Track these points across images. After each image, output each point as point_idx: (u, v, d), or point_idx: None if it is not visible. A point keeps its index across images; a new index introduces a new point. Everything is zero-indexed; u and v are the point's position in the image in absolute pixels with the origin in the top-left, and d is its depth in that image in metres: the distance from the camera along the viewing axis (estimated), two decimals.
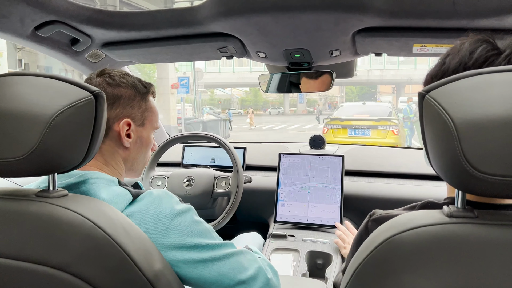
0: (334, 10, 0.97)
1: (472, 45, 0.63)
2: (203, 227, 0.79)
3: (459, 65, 0.62)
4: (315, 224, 1.65)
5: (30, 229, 0.59)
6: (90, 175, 0.79)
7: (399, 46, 1.15)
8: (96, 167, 0.85)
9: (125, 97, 0.89)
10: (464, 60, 0.62)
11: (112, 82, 0.89)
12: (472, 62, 0.61)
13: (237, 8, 1.00)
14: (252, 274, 0.81)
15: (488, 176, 0.43)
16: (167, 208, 0.76)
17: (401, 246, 0.48)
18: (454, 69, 0.63)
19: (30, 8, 0.98)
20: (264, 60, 1.37)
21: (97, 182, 0.78)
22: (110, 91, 0.88)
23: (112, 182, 0.80)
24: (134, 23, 1.15)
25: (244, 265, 0.81)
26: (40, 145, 0.57)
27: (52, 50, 1.22)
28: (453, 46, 0.66)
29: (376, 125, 7.94)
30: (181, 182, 1.67)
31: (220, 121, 13.76)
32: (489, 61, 0.60)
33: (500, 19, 0.93)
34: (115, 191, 0.77)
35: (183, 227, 0.76)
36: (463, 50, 0.63)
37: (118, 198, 0.75)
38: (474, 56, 0.61)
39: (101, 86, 0.88)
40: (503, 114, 0.43)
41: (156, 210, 0.75)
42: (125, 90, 0.90)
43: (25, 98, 0.59)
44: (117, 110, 0.88)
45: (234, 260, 0.80)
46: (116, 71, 0.92)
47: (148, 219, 0.74)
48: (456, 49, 0.64)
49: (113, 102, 0.87)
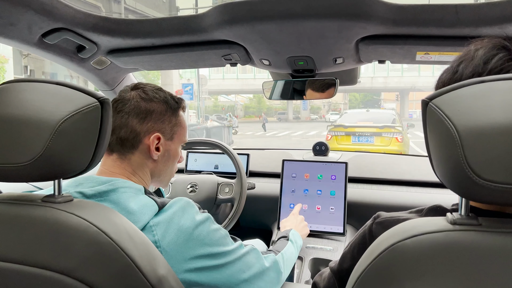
0: (337, 18, 0.97)
1: (487, 52, 0.59)
2: (219, 235, 0.85)
3: (472, 75, 0.58)
4: (319, 231, 1.64)
5: (36, 234, 0.59)
6: (120, 183, 0.82)
7: (402, 53, 1.15)
8: (124, 175, 0.89)
9: (157, 112, 0.92)
10: (478, 70, 0.58)
11: (146, 97, 0.92)
12: (487, 73, 0.57)
13: (241, 16, 1.01)
14: (256, 272, 0.90)
15: (491, 184, 0.43)
16: (189, 219, 0.81)
17: (404, 253, 0.48)
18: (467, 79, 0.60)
19: (37, 16, 1.00)
20: (268, 67, 1.37)
21: (127, 191, 0.81)
22: (143, 105, 0.91)
23: (139, 191, 0.84)
24: (139, 30, 1.16)
25: (249, 264, 0.89)
26: (46, 150, 0.58)
27: (59, 57, 1.23)
28: (467, 51, 0.62)
29: (380, 132, 7.92)
30: (184, 188, 1.67)
31: (224, 128, 13.78)
32: (504, 71, 0.56)
33: (503, 27, 0.93)
34: (142, 201, 0.80)
35: (202, 237, 0.81)
36: (477, 58, 0.59)
37: (145, 209, 0.79)
38: (488, 66, 0.58)
39: (135, 100, 0.91)
40: (506, 122, 0.43)
41: (179, 221, 0.80)
42: (158, 105, 0.93)
43: (31, 104, 0.60)
44: (148, 124, 0.91)
45: (241, 262, 0.87)
46: (150, 85, 0.96)
47: (171, 229, 0.78)
48: (470, 56, 0.60)
49: (145, 116, 0.90)
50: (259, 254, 0.95)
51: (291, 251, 1.15)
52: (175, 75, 15.40)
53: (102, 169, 0.90)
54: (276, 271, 0.98)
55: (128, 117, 0.89)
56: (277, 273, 0.99)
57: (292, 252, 1.15)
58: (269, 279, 0.95)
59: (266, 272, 0.94)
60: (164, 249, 0.77)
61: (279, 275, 1.00)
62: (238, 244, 0.90)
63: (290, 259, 1.12)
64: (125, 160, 0.90)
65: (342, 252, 0.81)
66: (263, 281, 0.93)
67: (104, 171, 0.89)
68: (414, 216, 0.69)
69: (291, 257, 1.14)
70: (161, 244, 0.77)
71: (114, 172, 0.88)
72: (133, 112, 0.89)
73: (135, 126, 0.89)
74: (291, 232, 1.27)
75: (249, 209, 1.72)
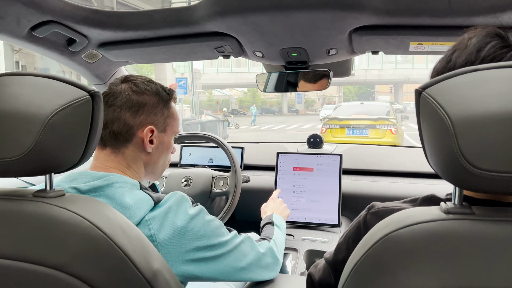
0: (330, 8, 0.97)
1: (480, 41, 0.58)
2: (214, 226, 0.86)
3: (465, 64, 0.58)
4: (314, 223, 1.65)
5: (28, 229, 0.59)
6: (115, 178, 0.82)
7: (395, 44, 1.15)
8: (119, 169, 0.89)
9: (149, 105, 0.92)
10: (471, 58, 0.58)
11: (137, 90, 0.91)
12: (479, 61, 0.57)
13: (233, 7, 1.00)
14: (252, 259, 0.93)
15: (484, 172, 0.43)
16: (183, 213, 0.82)
17: (398, 243, 0.48)
18: (460, 68, 0.59)
19: (25, 9, 0.98)
20: (261, 59, 1.37)
21: (122, 186, 0.81)
22: (135, 98, 0.90)
23: (135, 186, 0.84)
24: (130, 23, 1.15)
25: (244, 252, 0.91)
26: (36, 145, 0.57)
27: (49, 51, 1.22)
28: (461, 40, 0.62)
29: (374, 124, 7.94)
30: (179, 182, 1.67)
31: (218, 122, 13.75)
32: (497, 59, 0.56)
33: (495, 16, 0.93)
34: (138, 195, 0.81)
35: (197, 229, 0.82)
36: (470, 46, 0.59)
37: (141, 204, 0.79)
38: (481, 54, 0.57)
39: (126, 93, 0.90)
40: (499, 111, 0.43)
41: (174, 215, 0.81)
42: (150, 98, 0.92)
43: (21, 98, 0.59)
44: (141, 117, 0.90)
45: (237, 251, 0.89)
46: (141, 78, 0.95)
47: (167, 223, 0.79)
48: (464, 45, 0.60)
49: (138, 109, 0.90)
50: (254, 242, 0.97)
51: (281, 236, 1.17)
52: (168, 69, 15.32)
53: (96, 163, 0.89)
54: (272, 257, 1.01)
55: (121, 110, 0.88)
56: (273, 258, 1.02)
57: (281, 237, 1.18)
58: (265, 264, 0.98)
59: (262, 258, 0.97)
60: (160, 243, 0.77)
61: (275, 261, 1.03)
62: (233, 234, 0.91)
63: (282, 244, 1.15)
64: (119, 154, 0.89)
65: (337, 243, 0.81)
66: (260, 267, 0.96)
67: (98, 166, 0.88)
68: (408, 206, 0.69)
69: (282, 242, 1.16)
70: (157, 238, 0.77)
71: (109, 167, 0.88)
72: (125, 106, 0.89)
73: (128, 120, 0.89)
74: (274, 217, 1.28)
75: (244, 203, 1.72)
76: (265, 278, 1.00)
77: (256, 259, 0.94)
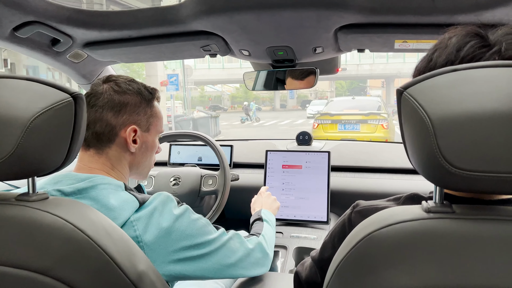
0: (315, 7, 0.97)
1: (460, 40, 0.59)
2: (200, 224, 0.86)
3: (446, 63, 0.59)
4: (302, 220, 1.66)
5: (10, 234, 0.58)
6: (99, 180, 0.82)
7: (381, 42, 1.16)
8: (103, 171, 0.88)
9: (132, 104, 0.91)
10: (451, 58, 0.59)
11: (119, 89, 0.90)
12: (459, 61, 0.58)
13: (218, 6, 1.00)
14: (241, 256, 0.93)
15: (463, 172, 0.44)
16: (168, 213, 0.82)
17: (381, 242, 0.49)
18: (441, 68, 0.59)
19: (7, 9, 0.97)
20: (248, 57, 1.36)
21: (106, 188, 0.81)
22: (117, 98, 0.90)
23: (119, 187, 0.84)
24: (115, 22, 1.14)
25: (233, 249, 0.92)
26: (18, 148, 0.57)
27: (33, 51, 1.20)
28: (441, 39, 0.63)
29: (366, 119, 7.97)
30: (167, 181, 1.66)
31: (210, 118, 13.72)
32: (476, 59, 0.57)
33: (478, 14, 0.94)
34: (122, 197, 0.80)
35: (183, 229, 0.82)
36: (450, 46, 0.59)
37: (126, 205, 0.79)
38: (461, 54, 0.58)
39: (108, 93, 0.89)
40: (478, 111, 0.44)
41: (160, 215, 0.81)
42: (131, 97, 0.92)
43: (2, 100, 0.58)
44: (123, 117, 0.90)
45: (226, 248, 0.90)
46: (123, 77, 0.94)
47: (152, 224, 0.79)
48: (444, 44, 0.61)
49: (120, 109, 0.89)
50: (242, 238, 0.97)
51: (270, 231, 1.17)
52: (160, 66, 15.19)
53: (80, 165, 0.89)
54: (261, 251, 1.01)
55: (103, 111, 0.88)
56: (262, 253, 1.01)
57: (271, 232, 1.17)
58: (254, 260, 0.98)
59: (251, 253, 0.97)
60: (146, 244, 0.77)
61: (265, 255, 1.03)
62: (220, 231, 0.91)
63: (271, 238, 1.14)
64: (103, 155, 0.89)
65: (323, 241, 0.82)
66: (249, 262, 0.95)
67: (83, 167, 0.88)
68: (392, 204, 0.69)
69: (272, 236, 1.16)
70: (142, 239, 0.77)
71: (93, 168, 0.88)
72: (107, 106, 0.88)
73: (110, 120, 0.88)
74: (262, 212, 1.27)
75: (234, 201, 1.72)
76: (256, 274, 1.00)
77: (245, 255, 0.95)
